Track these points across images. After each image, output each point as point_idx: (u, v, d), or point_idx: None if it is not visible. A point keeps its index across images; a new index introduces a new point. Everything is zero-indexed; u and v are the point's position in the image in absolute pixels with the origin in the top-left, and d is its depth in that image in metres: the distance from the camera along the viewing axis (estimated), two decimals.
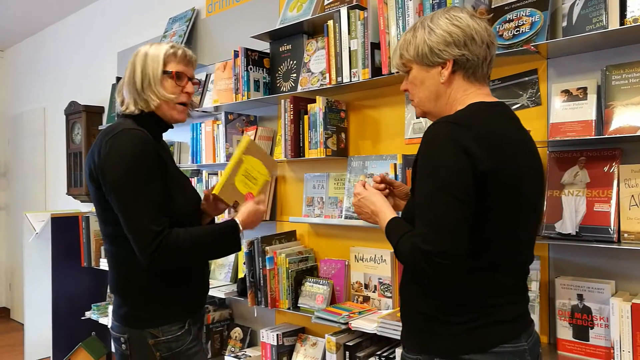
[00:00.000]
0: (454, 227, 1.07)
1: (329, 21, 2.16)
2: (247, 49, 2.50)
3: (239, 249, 1.57)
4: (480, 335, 1.14)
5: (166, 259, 1.37)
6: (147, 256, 1.36)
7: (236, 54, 2.52)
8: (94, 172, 1.42)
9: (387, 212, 1.30)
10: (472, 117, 1.15)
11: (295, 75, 2.42)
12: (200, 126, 2.84)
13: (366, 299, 2.22)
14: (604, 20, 1.51)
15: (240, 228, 1.53)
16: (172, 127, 1.62)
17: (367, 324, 1.97)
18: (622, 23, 1.49)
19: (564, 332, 1.65)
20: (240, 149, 1.63)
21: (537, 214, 1.26)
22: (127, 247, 1.39)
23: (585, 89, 1.63)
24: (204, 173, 2.81)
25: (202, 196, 1.67)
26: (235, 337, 2.79)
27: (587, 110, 1.61)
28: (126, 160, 1.37)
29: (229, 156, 2.63)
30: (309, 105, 2.26)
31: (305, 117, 2.27)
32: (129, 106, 1.51)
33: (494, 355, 1.12)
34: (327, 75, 2.17)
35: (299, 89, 2.33)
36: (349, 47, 2.08)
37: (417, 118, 1.31)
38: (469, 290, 1.14)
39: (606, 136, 1.53)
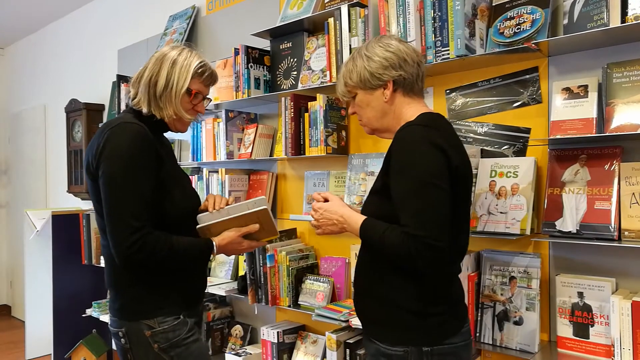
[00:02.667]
0: (443, 214, 1.20)
1: (329, 19, 2.16)
2: (247, 47, 2.50)
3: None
4: (453, 320, 1.31)
5: (140, 258, 1.36)
6: (122, 251, 1.35)
7: (237, 52, 2.52)
8: (91, 165, 1.41)
9: (356, 215, 1.37)
10: (434, 122, 1.29)
11: (295, 72, 2.42)
12: (201, 124, 2.84)
13: None
14: (605, 17, 1.51)
15: (215, 251, 1.52)
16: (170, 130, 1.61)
17: None
18: (623, 21, 1.49)
19: (565, 329, 1.65)
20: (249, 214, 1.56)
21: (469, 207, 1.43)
22: None
23: (586, 86, 1.63)
24: (205, 171, 2.81)
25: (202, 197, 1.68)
26: (236, 334, 2.79)
27: (588, 108, 1.60)
28: (121, 154, 1.36)
29: (229, 154, 2.63)
30: (309, 103, 2.26)
31: (306, 114, 2.26)
32: (141, 105, 1.49)
33: (463, 335, 1.32)
34: (328, 72, 2.16)
35: (300, 86, 2.33)
36: (350, 45, 2.08)
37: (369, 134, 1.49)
38: (439, 281, 1.30)
39: (607, 134, 1.52)
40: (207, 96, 1.60)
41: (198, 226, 1.54)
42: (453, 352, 1.29)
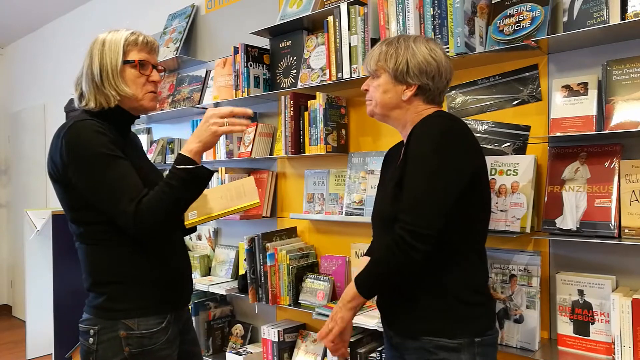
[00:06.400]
0: (443, 204, 1.22)
1: (329, 17, 2.15)
2: (247, 45, 2.49)
3: (209, 174, 1.36)
4: (492, 312, 1.38)
5: (148, 229, 1.29)
6: (136, 235, 1.30)
7: (236, 51, 2.52)
8: (56, 172, 1.36)
9: (345, 295, 1.32)
10: (456, 117, 1.32)
11: (295, 71, 2.41)
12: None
13: None
14: (605, 15, 1.51)
15: (190, 155, 1.33)
16: (138, 118, 1.53)
17: (368, 320, 1.97)
18: (623, 18, 1.49)
19: (565, 327, 1.65)
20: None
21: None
22: (100, 242, 1.38)
23: (586, 84, 1.62)
24: None
25: None
26: (237, 333, 2.80)
27: (587, 106, 1.60)
28: (87, 151, 1.30)
29: (229, 153, 2.63)
30: (309, 101, 2.26)
31: (306, 113, 2.26)
32: (88, 102, 1.42)
33: (495, 329, 1.35)
34: (327, 71, 2.16)
35: (299, 85, 2.33)
36: (349, 43, 2.07)
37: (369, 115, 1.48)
38: (481, 274, 1.35)
39: (607, 131, 1.52)
40: (159, 67, 1.50)
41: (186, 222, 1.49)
42: (493, 343, 1.32)
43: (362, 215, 2.14)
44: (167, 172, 1.39)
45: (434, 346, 1.26)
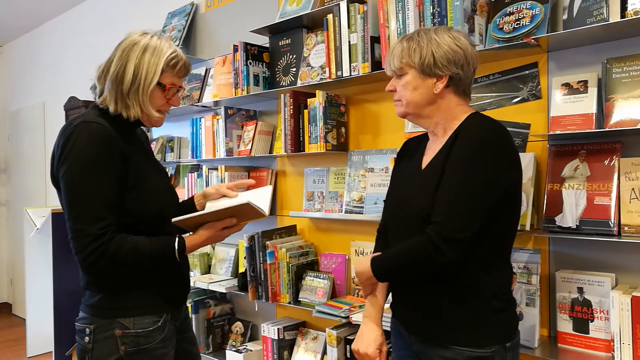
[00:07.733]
0: (478, 214, 1.21)
1: (328, 15, 2.15)
2: (246, 44, 2.49)
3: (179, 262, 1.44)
4: (516, 314, 1.33)
5: (100, 266, 1.28)
6: (81, 260, 1.28)
7: (235, 49, 2.52)
8: (55, 172, 1.35)
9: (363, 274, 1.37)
10: (501, 125, 1.29)
11: (295, 69, 2.41)
12: (200, 121, 2.84)
13: None
14: (605, 12, 1.51)
15: (186, 249, 1.39)
16: (144, 126, 1.52)
17: None
18: (623, 16, 1.49)
19: (564, 325, 1.65)
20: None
21: None
22: None
23: (585, 82, 1.62)
24: (204, 168, 2.81)
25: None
26: (237, 331, 2.80)
27: (587, 104, 1.60)
28: (79, 156, 1.28)
29: (229, 151, 2.63)
30: (308, 99, 2.26)
31: (305, 111, 2.26)
32: (108, 103, 1.38)
33: (519, 332, 1.34)
34: (327, 69, 2.16)
35: (299, 83, 2.33)
36: (349, 41, 2.07)
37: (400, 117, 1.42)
38: (506, 279, 1.32)
39: (607, 129, 1.52)
40: (181, 86, 1.50)
41: (173, 220, 1.40)
42: (519, 343, 1.33)
43: (362, 213, 2.15)
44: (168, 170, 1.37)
45: (466, 357, 1.23)
